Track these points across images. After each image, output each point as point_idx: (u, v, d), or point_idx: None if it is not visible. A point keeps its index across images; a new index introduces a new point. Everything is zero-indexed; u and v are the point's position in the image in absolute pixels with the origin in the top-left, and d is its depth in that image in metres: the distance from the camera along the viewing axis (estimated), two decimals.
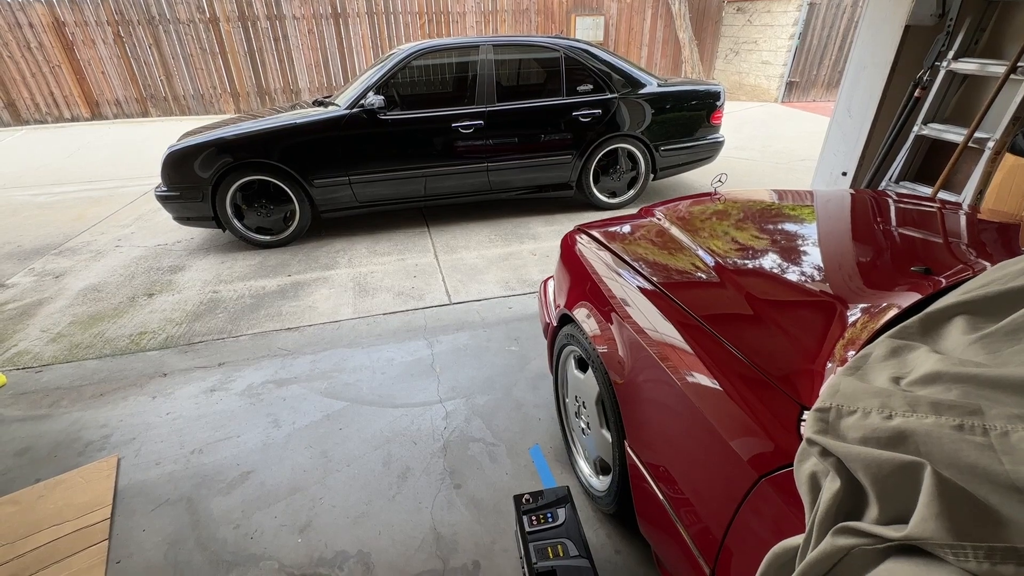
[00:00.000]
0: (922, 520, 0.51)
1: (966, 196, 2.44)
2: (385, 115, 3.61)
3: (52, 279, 3.38)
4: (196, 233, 4.10)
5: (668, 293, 1.23)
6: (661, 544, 1.20)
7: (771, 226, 1.62)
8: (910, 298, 1.01)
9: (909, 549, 0.53)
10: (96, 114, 8.51)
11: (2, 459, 1.94)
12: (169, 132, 7.93)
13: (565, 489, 1.50)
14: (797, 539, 0.68)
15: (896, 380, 0.74)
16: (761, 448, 0.85)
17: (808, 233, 1.54)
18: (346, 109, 3.58)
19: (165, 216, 4.38)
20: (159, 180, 3.56)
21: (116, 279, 3.36)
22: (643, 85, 4.08)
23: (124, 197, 5.06)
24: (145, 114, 8.71)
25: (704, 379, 1.01)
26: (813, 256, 1.34)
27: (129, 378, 2.38)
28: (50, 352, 2.59)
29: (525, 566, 1.34)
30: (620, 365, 1.28)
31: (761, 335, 1.05)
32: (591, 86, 3.97)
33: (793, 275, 1.26)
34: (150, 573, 1.51)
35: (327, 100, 3.98)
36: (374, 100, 3.53)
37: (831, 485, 0.64)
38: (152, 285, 3.26)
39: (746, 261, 1.34)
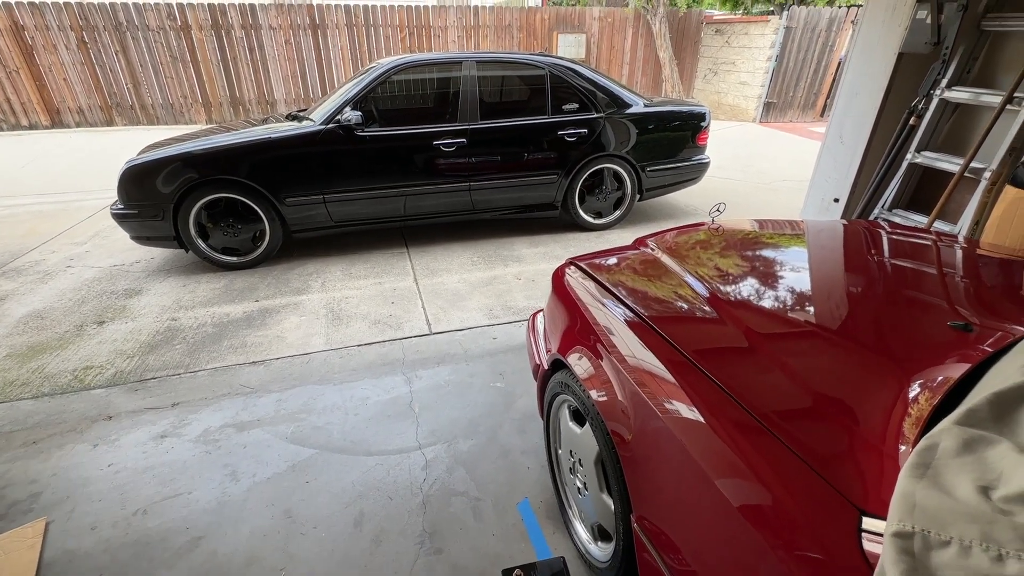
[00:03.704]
0: None
1: (962, 227, 2.39)
2: (363, 131, 3.43)
3: None
4: (157, 253, 3.83)
5: (683, 351, 1.08)
6: None
7: (781, 267, 1.50)
8: (960, 365, 0.88)
9: None
10: (56, 122, 8.09)
11: None
12: (135, 142, 7.55)
13: (561, 561, 1.32)
14: None
15: (984, 491, 0.60)
16: (815, 564, 0.70)
17: (826, 280, 1.42)
18: (321, 124, 3.39)
19: (124, 233, 4.11)
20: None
21: (64, 304, 3.07)
22: (629, 105, 4.01)
23: (81, 211, 4.74)
24: (110, 123, 8.32)
25: (732, 455, 0.86)
26: (837, 308, 1.22)
27: (68, 422, 2.12)
28: None
29: None
30: (624, 427, 1.12)
31: (791, 407, 0.91)
32: (577, 105, 3.88)
33: (820, 331, 1.13)
34: None
35: (301, 114, 3.79)
36: (351, 116, 3.36)
37: None
38: (104, 311, 2.99)
39: (765, 310, 1.21)
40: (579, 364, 1.34)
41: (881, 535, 0.66)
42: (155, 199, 3.21)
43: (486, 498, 1.75)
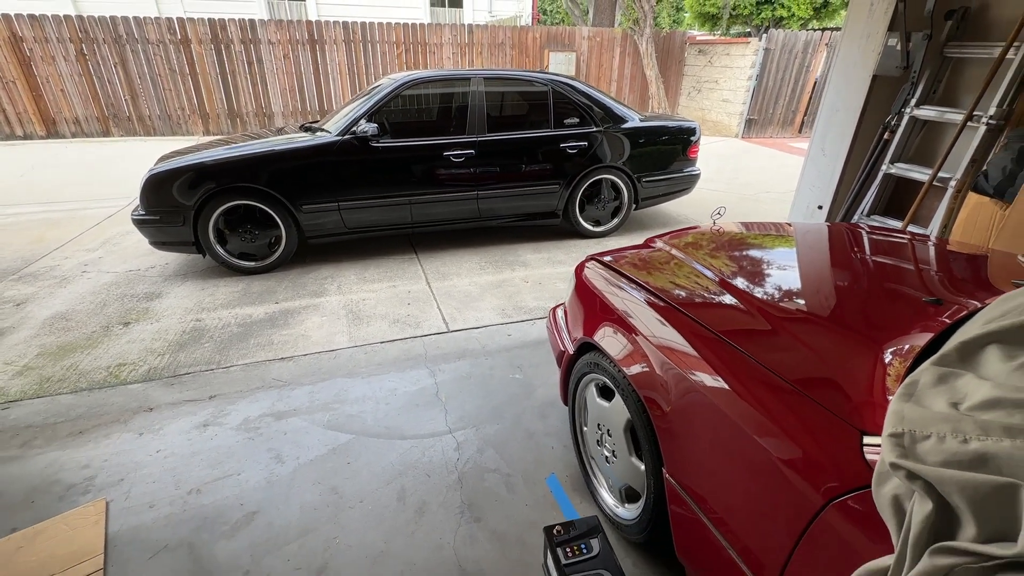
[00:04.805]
0: None
1: (933, 229, 2.66)
2: (377, 142, 3.62)
3: (12, 307, 3.15)
4: (171, 258, 3.93)
5: (707, 325, 1.28)
6: (707, 571, 1.21)
7: (785, 259, 1.71)
8: (935, 328, 1.09)
9: (1016, 566, 0.57)
10: (52, 132, 8.10)
11: None
12: (132, 152, 7.64)
13: (595, 519, 1.49)
14: (885, 560, 0.71)
15: (954, 405, 0.80)
16: (826, 474, 0.88)
17: (821, 267, 1.63)
18: (337, 136, 3.57)
19: (134, 240, 4.20)
20: (134, 202, 3.42)
21: (86, 307, 3.16)
22: (625, 120, 4.26)
23: (87, 219, 4.81)
24: (106, 133, 8.36)
25: (755, 406, 1.05)
26: (832, 288, 1.43)
27: (110, 414, 2.22)
28: (17, 386, 2.40)
29: None
30: (657, 392, 1.31)
31: (802, 363, 1.11)
32: (577, 119, 4.12)
33: (819, 305, 1.34)
34: None
35: (315, 126, 3.96)
36: (367, 127, 3.54)
37: (921, 507, 0.68)
38: (127, 313, 3.09)
39: (770, 291, 1.41)
40: (610, 344, 1.52)
41: (878, 446, 0.85)
42: (177, 206, 3.33)
43: (516, 474, 1.91)
